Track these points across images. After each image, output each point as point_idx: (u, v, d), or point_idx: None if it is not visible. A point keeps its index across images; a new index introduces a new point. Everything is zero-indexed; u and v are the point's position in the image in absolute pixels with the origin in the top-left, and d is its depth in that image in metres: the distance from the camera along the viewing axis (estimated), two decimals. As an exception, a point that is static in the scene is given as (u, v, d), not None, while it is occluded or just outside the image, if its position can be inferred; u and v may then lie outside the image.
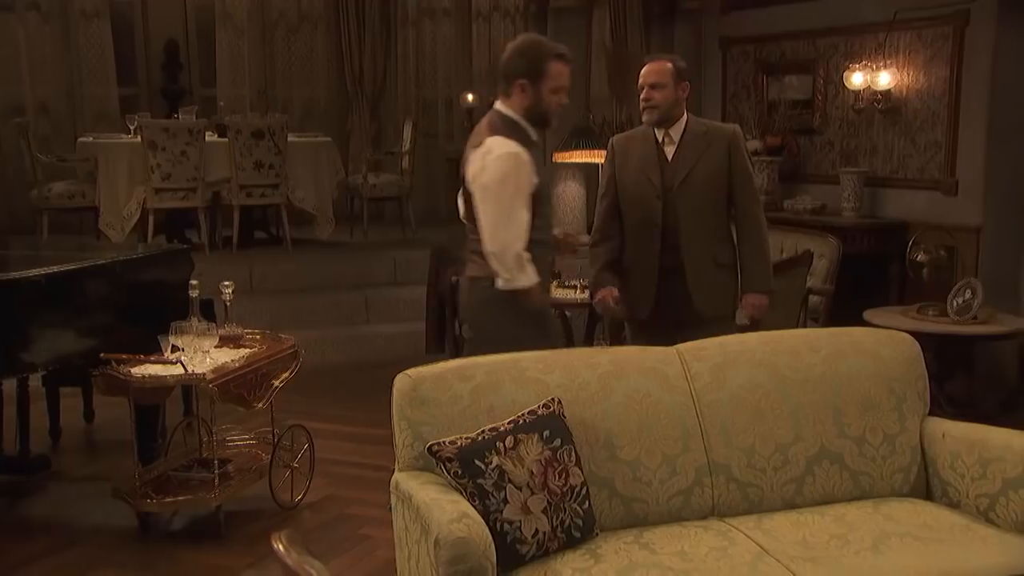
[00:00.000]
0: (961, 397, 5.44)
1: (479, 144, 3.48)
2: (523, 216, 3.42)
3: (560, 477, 2.73)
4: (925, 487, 3.12)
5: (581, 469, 2.80)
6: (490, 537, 2.46)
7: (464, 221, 3.66)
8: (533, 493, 2.66)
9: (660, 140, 3.86)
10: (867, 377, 3.15)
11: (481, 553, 2.37)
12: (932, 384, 5.33)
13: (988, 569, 2.61)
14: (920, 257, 5.39)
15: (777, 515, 2.94)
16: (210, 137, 7.52)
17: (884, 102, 5.99)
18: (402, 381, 2.88)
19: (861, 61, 6.08)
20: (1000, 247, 5.55)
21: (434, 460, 2.69)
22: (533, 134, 3.54)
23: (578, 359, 3.09)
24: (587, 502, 2.79)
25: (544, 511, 2.67)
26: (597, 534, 2.80)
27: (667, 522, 2.90)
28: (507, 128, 3.47)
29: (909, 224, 5.92)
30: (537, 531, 2.65)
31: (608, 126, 8.03)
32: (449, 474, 2.66)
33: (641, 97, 3.84)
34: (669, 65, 3.84)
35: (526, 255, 3.43)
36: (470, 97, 9.67)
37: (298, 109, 9.47)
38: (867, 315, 5.33)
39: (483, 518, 2.54)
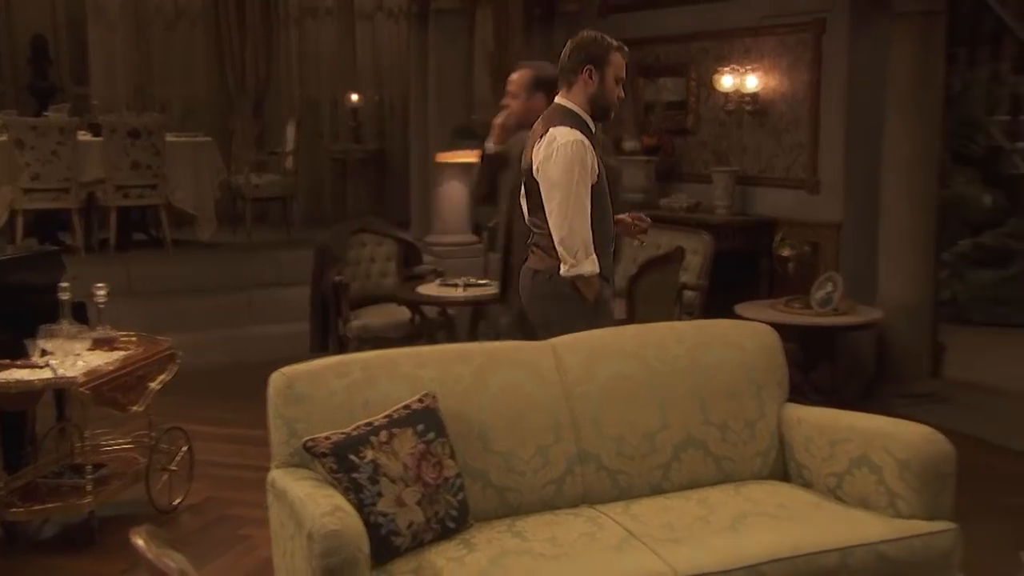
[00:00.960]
0: (825, 385, 5.72)
1: (543, 135, 3.54)
2: (586, 204, 3.48)
3: (434, 469, 2.80)
4: (783, 469, 3.29)
5: (455, 461, 2.87)
6: (363, 529, 2.50)
7: (527, 217, 3.70)
8: (407, 486, 2.72)
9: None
10: (730, 367, 3.31)
11: (354, 545, 2.42)
12: (798, 373, 5.65)
13: (833, 541, 2.78)
14: (786, 252, 5.65)
15: (645, 500, 3.07)
16: (84, 136, 7.32)
17: (752, 104, 6.25)
18: (277, 379, 2.91)
19: (730, 65, 6.33)
20: (858, 243, 5.86)
21: (309, 456, 2.73)
22: (593, 127, 3.59)
23: (453, 354, 3.16)
24: (461, 493, 2.86)
25: (418, 503, 2.73)
26: (472, 524, 2.87)
27: (540, 511, 2.99)
28: (569, 119, 3.54)
29: (777, 221, 6.19)
30: (412, 523, 2.71)
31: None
32: (324, 469, 2.70)
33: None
34: (527, 75, 3.96)
35: (590, 245, 3.50)
36: (355, 97, 9.65)
37: (177, 108, 9.29)
38: (738, 309, 5.56)
39: (358, 511, 2.59)
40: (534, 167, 3.55)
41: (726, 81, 6.32)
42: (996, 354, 6.60)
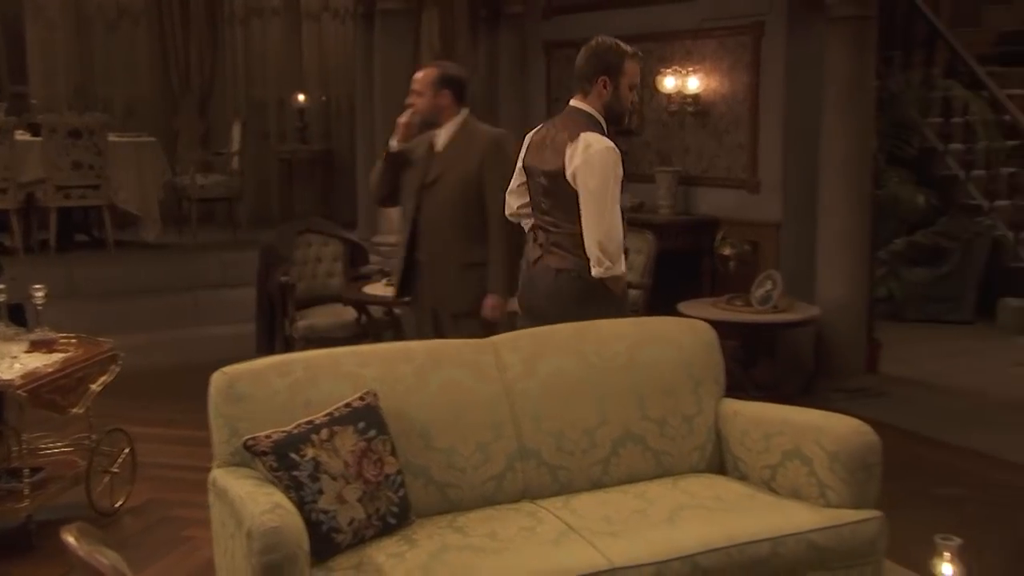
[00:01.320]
0: (766, 381, 5.83)
1: (573, 139, 3.57)
2: (619, 208, 3.60)
3: (375, 467, 2.83)
4: (720, 462, 3.37)
5: (396, 458, 2.90)
6: (303, 526, 2.53)
7: (540, 215, 3.74)
8: (348, 483, 2.75)
9: (436, 139, 4.11)
10: (668, 363, 3.38)
11: (294, 542, 2.44)
12: (739, 369, 5.76)
13: (766, 531, 2.86)
14: (727, 251, 5.75)
15: (584, 495, 3.12)
16: (22, 136, 7.22)
17: (694, 105, 6.35)
18: (218, 378, 2.92)
19: (672, 66, 6.43)
20: (797, 241, 5.98)
21: (250, 455, 2.74)
22: (606, 131, 3.67)
23: (394, 353, 3.19)
24: (402, 490, 2.89)
25: (359, 500, 2.76)
26: (413, 520, 2.91)
27: (481, 506, 3.03)
28: (592, 124, 3.61)
29: (720, 220, 6.29)
30: (353, 520, 2.74)
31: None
32: (265, 468, 2.72)
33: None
34: (433, 73, 4.06)
35: (622, 247, 3.62)
36: (301, 97, 9.61)
37: (120, 108, 9.17)
38: (681, 307, 5.64)
39: (298, 509, 2.61)
40: (568, 171, 3.59)
41: (668, 82, 6.41)
42: (930, 350, 6.79)
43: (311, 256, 6.19)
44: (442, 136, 4.10)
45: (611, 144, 3.58)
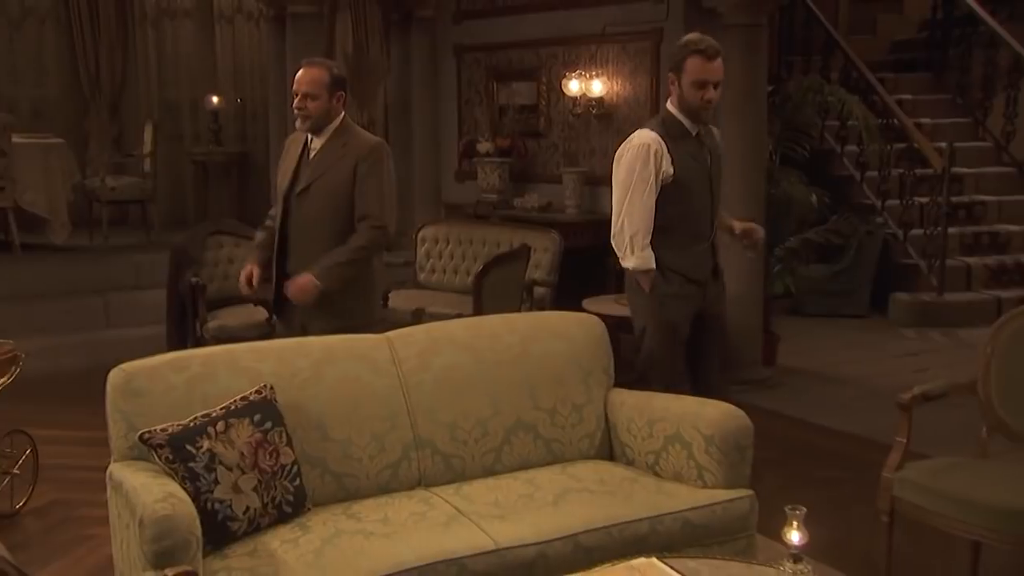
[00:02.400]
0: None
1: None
2: (644, 203, 3.69)
3: (271, 457, 2.93)
4: (609, 449, 3.54)
5: (292, 449, 3.00)
6: (195, 514, 2.61)
7: None
8: (244, 473, 2.85)
9: (309, 144, 3.90)
10: (558, 355, 3.54)
11: (186, 529, 2.53)
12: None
13: (644, 511, 3.03)
14: (628, 249, 5.95)
15: (477, 482, 3.26)
16: (-77, 137, 7.09)
17: (598, 108, 6.55)
18: (116, 375, 2.99)
19: (577, 70, 6.62)
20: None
21: (146, 448, 2.82)
22: (691, 127, 3.76)
23: (291, 348, 3.30)
24: (298, 479, 3.00)
25: (255, 489, 2.86)
26: (309, 509, 3.02)
27: (377, 494, 3.16)
28: (656, 121, 3.80)
29: (624, 220, 6.48)
30: (248, 508, 2.84)
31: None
32: (161, 460, 2.80)
33: (295, 104, 3.81)
34: (326, 74, 3.80)
35: (641, 240, 3.71)
36: (215, 99, 9.58)
37: (26, 109, 9.00)
38: (585, 303, 5.81)
39: (194, 499, 2.70)
40: None
41: (573, 85, 6.60)
42: (826, 343, 7.10)
43: (223, 257, 6.21)
44: (318, 140, 3.86)
45: (647, 140, 3.71)
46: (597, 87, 6.50)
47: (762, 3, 5.82)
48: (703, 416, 3.28)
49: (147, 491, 2.62)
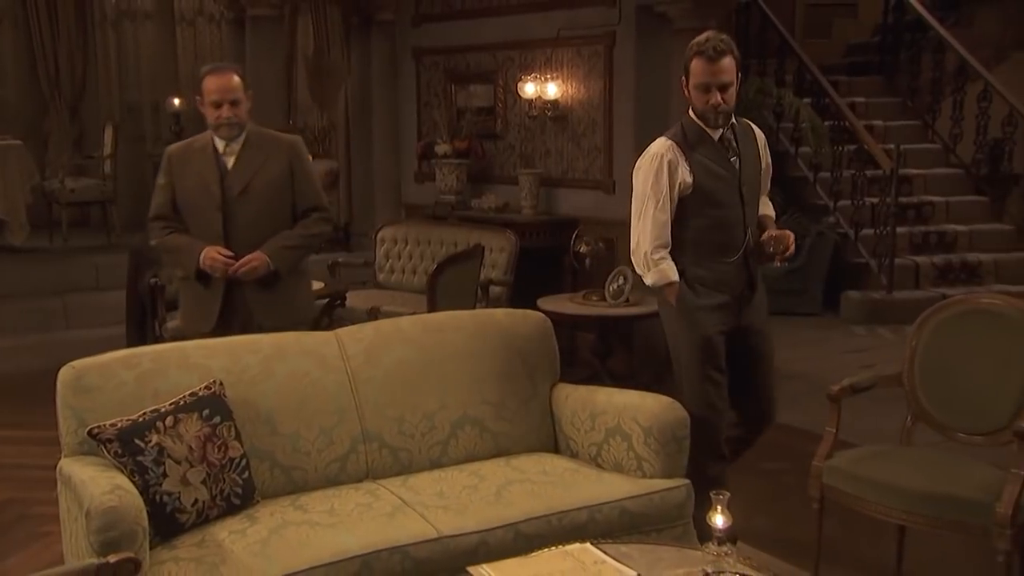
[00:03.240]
0: (622, 372, 6.17)
1: None
2: (656, 216, 3.45)
3: (219, 451, 3.01)
4: (554, 442, 3.65)
5: (241, 443, 3.08)
6: (143, 505, 2.69)
7: None
8: (192, 466, 2.92)
9: (221, 151, 3.83)
10: (504, 351, 3.64)
11: (132, 520, 2.60)
12: (596, 361, 6.06)
13: (584, 500, 3.14)
14: (582, 249, 6.06)
15: (423, 474, 3.36)
16: None
17: (554, 110, 6.66)
18: (66, 372, 3.06)
19: (532, 73, 6.73)
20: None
21: (96, 443, 2.88)
22: (714, 131, 3.48)
23: (242, 344, 3.37)
24: (247, 472, 3.08)
25: (203, 482, 2.94)
26: (258, 501, 3.10)
27: (325, 487, 3.24)
28: (676, 127, 3.54)
29: (579, 220, 6.61)
30: (197, 500, 2.92)
31: (311, 131, 8.32)
32: (110, 455, 2.87)
33: (220, 114, 3.74)
34: (238, 77, 3.78)
35: (656, 255, 3.47)
36: (176, 101, 9.60)
37: (-17, 111, 9.02)
38: (540, 302, 5.92)
39: (143, 492, 2.77)
40: None
41: (529, 88, 6.71)
42: (777, 340, 7.09)
43: (182, 258, 6.25)
44: (234, 144, 3.81)
45: (659, 151, 3.47)
46: (552, 90, 6.61)
47: (711, 8, 5.96)
48: (642, 409, 3.39)
49: (95, 483, 2.69)
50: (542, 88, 6.64)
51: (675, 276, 3.51)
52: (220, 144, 3.85)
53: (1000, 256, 8.07)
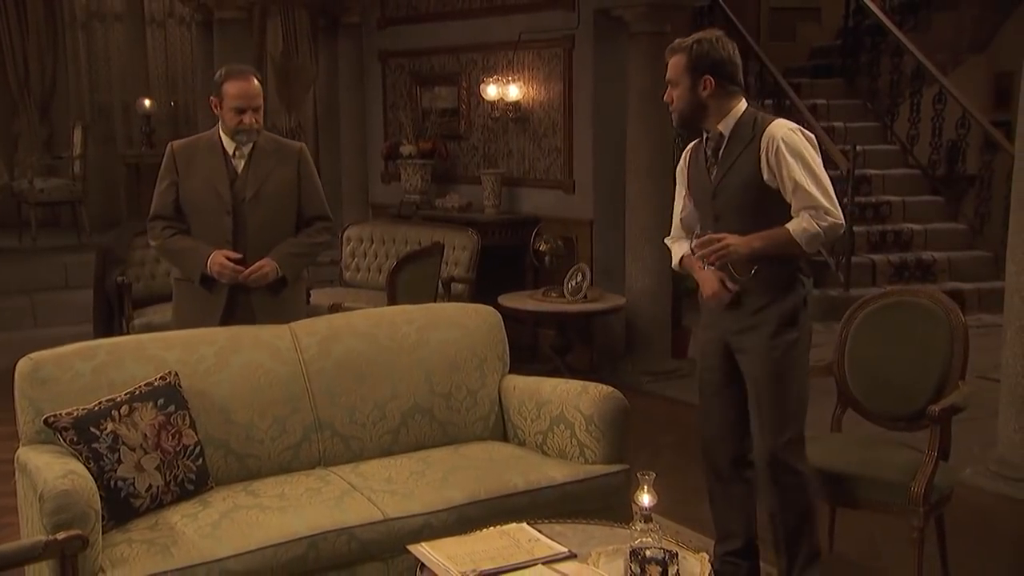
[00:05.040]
0: (582, 366, 6.31)
1: None
2: (675, 204, 3.44)
3: (174, 438, 3.12)
4: (503, 431, 3.78)
5: (196, 432, 3.20)
6: (95, 489, 2.79)
7: None
8: (146, 453, 3.04)
9: (231, 153, 3.84)
10: (454, 343, 3.76)
11: (84, 503, 2.70)
12: (556, 356, 6.19)
13: (526, 485, 3.28)
14: (541, 247, 6.21)
15: (373, 461, 3.48)
16: None
17: (515, 112, 6.80)
18: (24, 364, 3.17)
19: (495, 75, 6.86)
20: (608, 238, 6.49)
21: (52, 431, 2.99)
22: (710, 132, 3.22)
23: (197, 337, 3.48)
24: (201, 459, 3.19)
25: (157, 468, 3.05)
26: (211, 487, 3.21)
27: (278, 473, 3.36)
28: None
29: (541, 219, 6.75)
30: (151, 486, 3.03)
31: (279, 133, 8.40)
32: (66, 442, 2.97)
33: (243, 120, 3.74)
34: (258, 83, 3.78)
35: (668, 240, 3.46)
36: (147, 102, 9.67)
37: (-49, 111, 9.06)
38: (501, 299, 6.06)
39: (98, 478, 2.88)
40: None
41: (491, 90, 6.84)
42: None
43: (149, 257, 6.34)
44: (244, 147, 3.82)
45: (690, 146, 3.38)
46: (514, 92, 6.75)
47: (667, 12, 6.11)
48: (585, 397, 3.52)
49: (49, 469, 2.79)
50: (504, 90, 6.78)
51: (674, 262, 3.48)
52: (229, 146, 3.83)
53: (954, 254, 8.26)
